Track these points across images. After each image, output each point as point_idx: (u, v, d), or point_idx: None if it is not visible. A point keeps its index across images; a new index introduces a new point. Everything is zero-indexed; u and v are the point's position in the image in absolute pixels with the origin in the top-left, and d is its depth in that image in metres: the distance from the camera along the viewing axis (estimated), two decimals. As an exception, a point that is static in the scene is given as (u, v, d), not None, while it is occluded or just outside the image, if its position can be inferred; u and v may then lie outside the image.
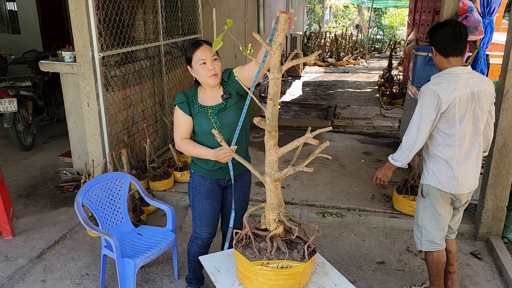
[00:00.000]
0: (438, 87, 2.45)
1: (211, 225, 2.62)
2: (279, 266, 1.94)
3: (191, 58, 2.38)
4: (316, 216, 4.00)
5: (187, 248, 2.77)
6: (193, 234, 2.69)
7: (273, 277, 1.94)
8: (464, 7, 5.64)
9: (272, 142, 1.92)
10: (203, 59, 2.34)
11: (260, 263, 1.96)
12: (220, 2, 7.23)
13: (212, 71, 2.34)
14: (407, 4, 14.76)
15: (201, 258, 2.32)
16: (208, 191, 2.54)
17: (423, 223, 2.68)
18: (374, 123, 7.22)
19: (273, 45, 1.73)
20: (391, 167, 2.64)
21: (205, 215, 2.58)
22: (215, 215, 2.63)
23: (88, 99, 4.02)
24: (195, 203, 2.58)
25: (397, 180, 4.50)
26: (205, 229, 2.62)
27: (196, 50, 2.35)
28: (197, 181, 2.55)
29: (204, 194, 2.54)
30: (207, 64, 2.34)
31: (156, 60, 5.19)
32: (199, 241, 2.67)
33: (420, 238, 2.70)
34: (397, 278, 3.16)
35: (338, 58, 15.06)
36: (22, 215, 3.97)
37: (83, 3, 3.75)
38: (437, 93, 2.43)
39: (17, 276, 3.13)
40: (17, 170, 5.02)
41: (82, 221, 2.76)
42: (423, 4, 7.77)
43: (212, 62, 2.35)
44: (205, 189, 2.54)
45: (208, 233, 2.64)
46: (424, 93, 2.49)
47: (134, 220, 3.54)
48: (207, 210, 2.58)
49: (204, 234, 2.64)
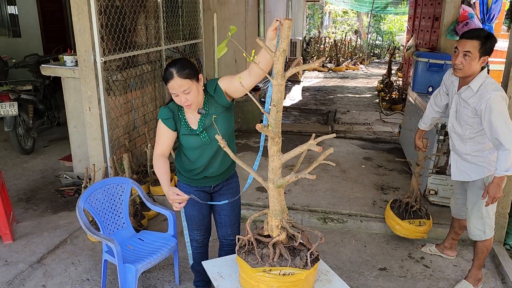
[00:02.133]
0: (503, 92, 2.68)
1: (201, 228, 2.67)
2: (281, 273, 1.93)
3: (165, 83, 2.31)
4: (317, 222, 3.99)
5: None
6: (188, 236, 2.72)
7: (275, 284, 1.93)
8: (465, 13, 5.68)
9: (275, 149, 1.92)
10: (175, 93, 2.27)
11: (262, 270, 1.95)
12: (221, 7, 7.26)
13: (185, 104, 2.29)
14: (406, 11, 14.83)
15: (204, 263, 2.32)
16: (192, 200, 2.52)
17: (487, 213, 2.90)
18: (374, 128, 7.23)
19: (277, 51, 1.73)
20: (502, 180, 2.69)
21: (194, 220, 2.64)
22: (204, 219, 2.66)
23: (90, 104, 4.02)
24: (184, 208, 2.58)
25: (387, 198, 4.50)
26: (197, 232, 2.68)
27: (167, 82, 2.26)
28: (182, 189, 2.54)
29: (190, 201, 2.51)
30: (180, 97, 2.27)
31: (158, 64, 5.20)
32: (194, 243, 2.72)
33: (484, 229, 2.93)
34: (399, 285, 3.15)
35: (337, 63, 15.11)
36: (22, 219, 3.95)
37: (85, 8, 3.76)
38: (505, 97, 2.68)
39: (17, 281, 3.11)
40: (17, 174, 5.01)
41: (84, 226, 2.74)
42: (423, 10, 7.80)
43: (185, 95, 2.27)
44: None
45: (200, 235, 2.70)
46: (498, 99, 2.64)
47: (135, 225, 3.53)
48: (195, 216, 2.62)
49: (197, 236, 2.69)
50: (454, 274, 3.28)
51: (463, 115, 2.83)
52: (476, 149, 2.85)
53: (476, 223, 2.94)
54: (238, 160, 2.08)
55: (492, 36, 2.68)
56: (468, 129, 2.83)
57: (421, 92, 5.05)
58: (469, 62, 2.68)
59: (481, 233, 2.94)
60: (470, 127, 2.81)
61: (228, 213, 2.69)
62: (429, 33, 7.16)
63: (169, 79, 2.26)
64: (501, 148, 2.60)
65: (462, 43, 2.70)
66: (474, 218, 2.94)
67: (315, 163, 1.94)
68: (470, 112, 2.77)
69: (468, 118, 2.80)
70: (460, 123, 2.87)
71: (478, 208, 2.90)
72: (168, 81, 2.27)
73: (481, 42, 2.64)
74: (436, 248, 3.50)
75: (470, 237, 3.03)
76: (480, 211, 2.90)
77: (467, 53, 2.67)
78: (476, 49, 2.65)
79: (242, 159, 2.09)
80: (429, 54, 5.24)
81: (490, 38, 2.66)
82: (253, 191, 4.43)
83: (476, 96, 2.71)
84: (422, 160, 3.47)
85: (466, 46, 2.67)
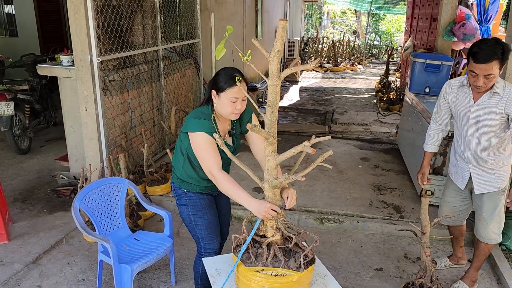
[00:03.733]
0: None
1: (218, 234, 2.57)
2: (273, 273, 1.93)
3: (224, 89, 2.23)
4: (314, 222, 3.99)
5: (197, 269, 2.63)
6: (203, 252, 2.54)
7: (266, 284, 1.92)
8: (462, 14, 5.69)
9: (270, 149, 1.92)
10: (237, 97, 2.23)
11: (255, 269, 1.95)
12: (218, 7, 7.25)
13: (237, 111, 2.27)
14: (404, 11, 14.85)
15: (204, 260, 2.31)
16: (209, 203, 2.52)
17: (503, 217, 2.95)
18: (372, 128, 7.24)
19: (272, 52, 1.73)
20: None
21: (213, 226, 2.51)
22: (218, 223, 2.58)
23: (86, 103, 4.01)
24: (198, 220, 2.48)
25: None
26: (216, 240, 2.54)
27: (234, 87, 2.20)
28: (195, 198, 2.48)
29: (206, 207, 2.49)
30: (237, 103, 2.25)
31: (155, 64, 5.19)
32: (212, 255, 2.50)
33: (499, 231, 2.95)
34: (395, 285, 3.15)
35: (335, 63, 15.12)
36: (18, 219, 3.94)
37: (82, 8, 3.75)
38: None
39: (13, 281, 3.10)
40: (13, 174, 4.99)
41: (79, 226, 2.74)
42: (421, 11, 7.82)
43: (242, 102, 2.27)
44: (206, 201, 2.50)
45: (219, 242, 2.58)
46: None
47: (131, 225, 3.52)
48: (213, 221, 2.51)
49: (216, 245, 2.55)
50: (450, 275, 3.28)
51: (488, 124, 2.68)
52: (499, 156, 2.76)
53: (494, 228, 2.91)
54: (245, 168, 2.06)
55: (503, 44, 2.53)
56: (493, 137, 2.71)
57: (418, 92, 5.06)
58: (492, 80, 2.56)
59: (497, 236, 2.93)
60: (496, 134, 2.70)
61: (226, 213, 2.71)
62: (426, 33, 7.18)
63: (236, 83, 2.19)
64: None
65: (480, 68, 2.50)
66: (494, 223, 2.90)
67: (312, 165, 1.93)
68: (498, 119, 2.64)
69: (496, 126, 2.67)
70: (484, 133, 2.72)
71: (498, 213, 2.88)
72: (234, 86, 2.20)
73: (499, 60, 2.49)
74: (450, 262, 3.37)
75: (486, 241, 2.95)
76: (499, 215, 2.89)
77: (489, 76, 2.52)
78: (497, 68, 2.51)
79: (241, 159, 2.10)
80: (426, 54, 5.25)
81: (504, 49, 2.50)
82: (249, 191, 4.43)
83: (503, 100, 2.60)
84: (428, 226, 2.66)
85: (486, 70, 2.49)
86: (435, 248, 3.64)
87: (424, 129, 4.31)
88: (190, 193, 2.48)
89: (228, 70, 2.28)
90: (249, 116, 2.46)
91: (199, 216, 2.48)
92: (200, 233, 2.50)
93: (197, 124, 2.25)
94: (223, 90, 2.24)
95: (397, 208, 4.16)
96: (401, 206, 4.21)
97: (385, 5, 17.05)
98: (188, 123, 2.31)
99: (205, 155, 2.24)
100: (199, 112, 2.32)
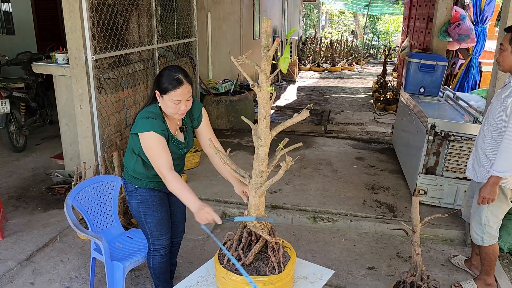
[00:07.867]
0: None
1: (169, 230, 2.59)
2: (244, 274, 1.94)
3: (166, 91, 2.21)
4: (307, 221, 4.00)
5: (149, 264, 2.65)
6: (152, 247, 2.58)
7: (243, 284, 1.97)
8: (457, 15, 5.71)
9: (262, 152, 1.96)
10: (180, 99, 2.22)
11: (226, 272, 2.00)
12: (215, 6, 7.26)
13: (182, 111, 2.27)
14: (401, 11, 14.88)
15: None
16: (160, 200, 2.51)
17: (487, 221, 2.85)
18: (367, 128, 7.26)
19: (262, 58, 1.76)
20: (497, 181, 2.64)
21: (163, 224, 2.53)
22: (169, 220, 2.60)
23: (81, 102, 4.02)
24: (148, 217, 2.49)
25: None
26: (165, 237, 2.57)
27: (177, 89, 2.20)
28: (146, 194, 2.48)
29: (157, 204, 2.49)
30: (181, 105, 2.24)
31: (150, 63, 5.19)
32: (161, 251, 2.58)
33: (482, 235, 2.88)
34: (387, 284, 3.17)
35: (333, 63, 15.14)
36: (12, 217, 3.94)
37: (76, 6, 3.75)
38: None
39: (6, 278, 3.10)
40: (8, 171, 4.99)
41: (72, 223, 2.74)
42: (417, 11, 7.84)
43: (186, 103, 2.26)
44: (157, 199, 2.50)
45: (168, 239, 2.60)
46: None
47: (124, 223, 3.52)
48: (163, 219, 2.53)
49: (165, 242, 2.58)
50: (441, 273, 3.30)
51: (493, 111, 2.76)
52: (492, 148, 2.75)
53: (475, 227, 2.91)
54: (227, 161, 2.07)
55: None
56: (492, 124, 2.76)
57: (413, 92, 5.08)
58: (502, 54, 2.65)
59: (479, 238, 2.90)
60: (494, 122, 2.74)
61: (182, 210, 2.71)
62: (423, 34, 7.21)
63: (178, 85, 2.19)
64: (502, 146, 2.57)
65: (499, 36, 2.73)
66: (474, 221, 2.92)
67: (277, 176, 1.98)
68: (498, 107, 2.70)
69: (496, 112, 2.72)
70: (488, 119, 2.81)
71: (479, 213, 2.87)
72: (176, 88, 2.19)
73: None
74: (464, 264, 3.36)
75: (474, 241, 2.98)
76: (480, 216, 2.86)
77: (500, 46, 2.68)
78: (506, 41, 2.62)
79: (235, 158, 2.12)
80: (420, 54, 5.27)
81: None
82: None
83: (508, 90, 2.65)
84: (418, 225, 2.63)
85: (500, 39, 2.68)
86: (427, 248, 3.66)
87: (418, 128, 4.33)
88: (141, 189, 2.48)
89: (171, 71, 2.24)
90: (199, 111, 2.46)
91: (149, 213, 2.49)
92: (150, 229, 2.52)
93: (145, 124, 2.24)
94: (165, 92, 2.22)
95: (391, 207, 4.18)
96: (394, 205, 4.23)
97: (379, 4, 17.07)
98: (137, 123, 2.30)
99: (154, 154, 2.24)
100: (147, 111, 2.30)
